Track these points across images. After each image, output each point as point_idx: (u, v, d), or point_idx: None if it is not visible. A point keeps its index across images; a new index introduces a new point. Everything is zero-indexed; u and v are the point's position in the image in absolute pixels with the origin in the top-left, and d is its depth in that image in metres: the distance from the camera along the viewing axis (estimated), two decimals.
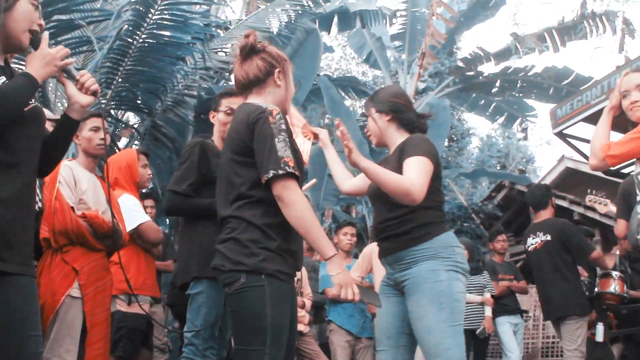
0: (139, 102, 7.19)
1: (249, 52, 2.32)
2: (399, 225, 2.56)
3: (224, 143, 2.37)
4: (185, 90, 7.52)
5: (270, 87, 2.33)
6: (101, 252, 3.15)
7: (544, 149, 32.72)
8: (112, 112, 7.33)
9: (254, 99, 2.31)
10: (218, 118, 3.20)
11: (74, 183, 3.11)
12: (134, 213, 3.55)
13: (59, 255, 2.99)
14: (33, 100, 2.05)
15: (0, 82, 1.94)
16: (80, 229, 3.00)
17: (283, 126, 2.15)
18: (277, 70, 2.33)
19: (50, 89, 6.93)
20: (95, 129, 3.24)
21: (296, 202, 2.07)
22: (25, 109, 1.98)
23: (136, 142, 7.30)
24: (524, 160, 22.62)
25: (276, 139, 2.10)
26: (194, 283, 2.89)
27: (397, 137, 2.72)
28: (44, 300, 2.89)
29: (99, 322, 3.05)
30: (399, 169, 2.50)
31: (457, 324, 2.46)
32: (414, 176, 2.42)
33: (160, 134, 7.24)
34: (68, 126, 2.16)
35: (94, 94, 2.16)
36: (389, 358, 2.61)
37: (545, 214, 5.06)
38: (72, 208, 3.04)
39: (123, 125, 7.02)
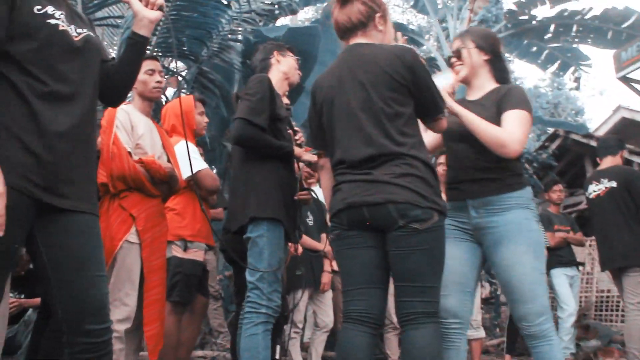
0: (184, 48, 7.07)
1: None
2: (493, 171, 2.52)
3: (355, 81, 2.25)
4: (230, 35, 7.35)
5: (373, 31, 2.36)
6: (158, 198, 3.12)
7: (596, 100, 31.53)
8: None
9: (360, 40, 2.35)
10: (289, 61, 3.18)
11: (130, 128, 3.06)
12: (193, 159, 3.52)
13: (116, 201, 2.97)
14: (85, 30, 1.97)
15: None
16: (138, 175, 2.95)
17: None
18: (378, 14, 2.35)
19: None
20: (151, 72, 3.18)
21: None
22: (77, 38, 1.92)
23: (183, 89, 7.21)
24: (574, 112, 21.92)
25: (434, 81, 2.28)
26: (253, 226, 2.80)
27: (486, 81, 2.68)
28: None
29: (156, 268, 3.04)
30: (496, 117, 2.50)
31: (543, 274, 2.52)
32: (514, 129, 2.43)
33: (207, 80, 7.13)
34: (139, 44, 2.09)
35: (160, 8, 2.10)
36: (455, 303, 2.54)
37: (613, 161, 4.83)
38: (130, 153, 2.99)
39: (170, 73, 6.92)
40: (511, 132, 2.41)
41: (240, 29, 7.30)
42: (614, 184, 4.61)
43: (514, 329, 5.67)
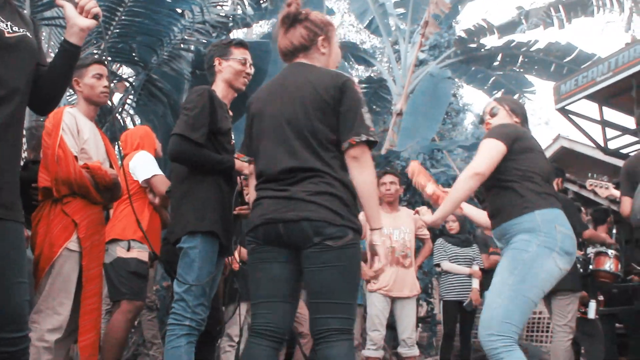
0: (134, 55, 6.98)
1: (292, 20, 2.39)
2: (498, 199, 2.76)
3: (287, 94, 2.31)
4: (182, 45, 7.31)
5: (316, 53, 2.41)
6: (100, 205, 3.08)
7: (542, 129, 32.65)
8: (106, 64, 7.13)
9: (303, 61, 2.40)
10: (230, 65, 3.04)
11: (77, 131, 3.02)
12: (149, 165, 3.59)
13: (58, 206, 2.91)
14: (21, 30, 1.92)
15: None
16: (84, 180, 2.91)
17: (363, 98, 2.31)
18: (320, 37, 2.40)
19: (43, 37, 6.72)
20: (99, 77, 3.14)
21: (371, 167, 2.23)
22: (9, 35, 1.86)
23: (130, 96, 7.11)
24: None
25: (363, 109, 2.24)
26: (187, 237, 2.78)
27: None
28: (40, 251, 2.83)
29: (94, 277, 2.99)
30: None
31: (520, 294, 2.50)
32: (474, 161, 2.74)
33: (155, 88, 7.07)
34: (69, 52, 2.02)
35: (95, 17, 2.05)
36: None
37: None
38: (76, 157, 2.95)
39: (117, 79, 6.82)
40: (467, 169, 2.74)
41: (192, 38, 7.26)
42: None
43: (447, 347, 5.80)
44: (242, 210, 2.95)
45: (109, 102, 3.39)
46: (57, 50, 2.06)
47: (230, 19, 8.01)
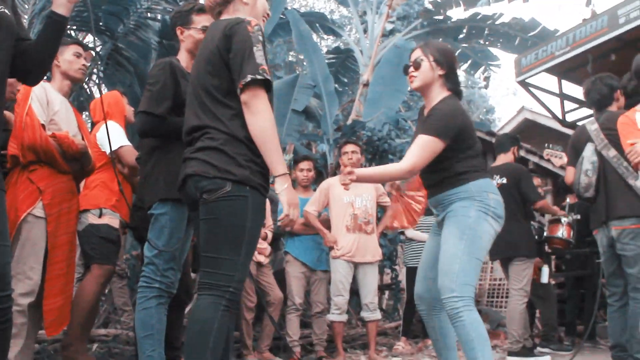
0: (100, 24, 6.91)
1: None
2: (435, 176, 2.86)
3: (197, 56, 2.35)
4: (149, 13, 7.25)
5: (239, 5, 2.36)
6: (68, 174, 3.15)
7: (510, 99, 33.12)
8: (73, 33, 7.05)
9: (225, 17, 2.33)
10: (191, 34, 3.04)
11: (46, 102, 3.10)
12: (117, 136, 3.59)
13: (25, 174, 2.99)
14: (1, 7, 1.96)
15: None
16: (49, 147, 2.99)
17: (260, 37, 2.17)
18: None
19: (35, 11, 6.59)
20: (78, 55, 3.28)
21: (264, 112, 2.11)
22: None
23: (97, 65, 7.05)
24: (485, 110, 22.90)
25: (254, 47, 2.12)
26: (158, 204, 2.87)
27: (438, 93, 2.92)
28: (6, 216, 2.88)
29: (61, 244, 3.08)
30: None
31: (473, 256, 2.70)
32: (408, 156, 2.80)
33: (122, 57, 7.03)
34: (57, 23, 2.08)
35: None
36: (420, 288, 2.96)
37: (505, 159, 5.21)
38: (43, 126, 3.02)
39: (84, 48, 6.74)
40: (402, 162, 2.82)
41: (159, 7, 7.21)
42: (504, 180, 4.99)
43: (410, 313, 6.01)
44: None
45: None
46: (43, 23, 2.11)
47: None
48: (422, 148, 2.78)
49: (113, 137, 3.67)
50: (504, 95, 38.09)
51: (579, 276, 6.32)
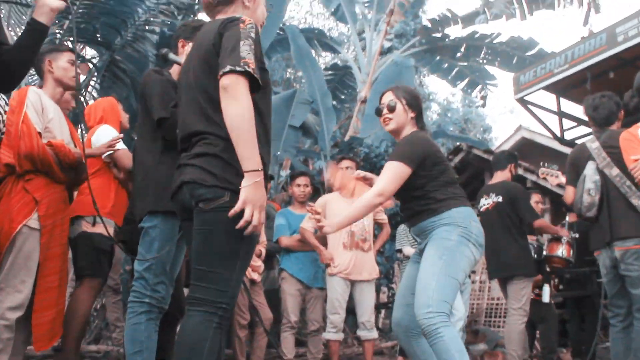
0: (97, 35, 6.88)
1: None
2: (415, 205, 2.91)
3: (188, 59, 2.25)
4: (146, 26, 7.23)
5: (239, 7, 2.27)
6: (63, 184, 3.09)
7: (507, 118, 33.31)
8: (69, 45, 7.01)
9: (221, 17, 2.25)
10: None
11: (41, 109, 3.04)
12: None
13: (20, 183, 2.92)
14: None
15: None
16: (47, 156, 2.93)
17: (252, 35, 2.05)
18: None
19: (2, 15, 6.57)
20: (72, 63, 3.24)
21: (243, 99, 1.94)
22: None
23: (94, 77, 7.02)
24: (482, 129, 22.94)
25: (242, 42, 2.00)
26: (148, 216, 2.81)
27: (409, 132, 3.05)
28: (0, 227, 2.81)
29: (55, 256, 3.01)
30: None
31: (450, 275, 2.69)
32: (376, 184, 2.92)
33: (119, 70, 6.99)
34: (37, 31, 2.04)
35: None
36: (397, 314, 2.95)
37: (501, 176, 5.16)
38: (40, 134, 2.96)
39: (81, 60, 6.72)
40: (370, 193, 2.87)
41: (157, 20, 7.18)
42: (500, 198, 4.94)
43: (395, 330, 5.90)
44: None
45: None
46: (23, 30, 2.07)
47: (197, 0, 7.94)
48: (388, 173, 2.87)
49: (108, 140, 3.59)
50: (501, 114, 38.35)
51: (579, 296, 6.25)
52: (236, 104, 1.93)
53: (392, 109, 3.05)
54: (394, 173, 2.85)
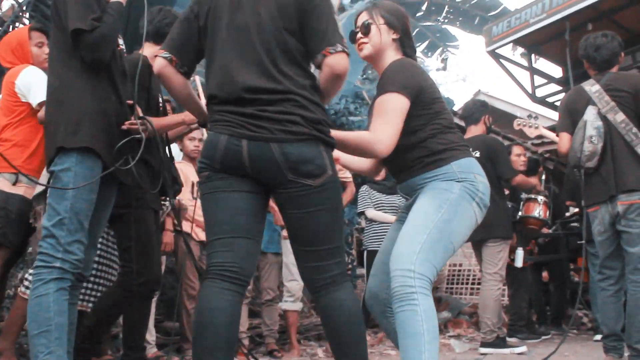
0: None
1: None
2: (408, 155, 2.28)
3: (253, 5, 1.97)
4: None
5: None
6: None
7: (459, 85, 33.05)
8: None
9: None
10: None
11: None
12: (41, 87, 2.97)
13: None
14: None
15: None
16: None
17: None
18: None
19: None
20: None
21: (345, 78, 2.01)
22: None
23: (25, 19, 6.21)
24: None
25: (333, 15, 1.99)
26: (60, 157, 2.24)
27: (392, 59, 2.38)
28: None
29: None
30: None
31: (446, 235, 2.13)
32: (380, 131, 2.21)
33: (48, 8, 6.18)
34: None
35: None
36: (373, 283, 2.43)
37: (476, 130, 4.72)
38: None
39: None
40: (374, 131, 2.22)
41: None
42: (477, 154, 4.48)
43: (369, 303, 5.49)
44: (133, 125, 2.38)
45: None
46: None
47: None
48: (389, 111, 2.21)
49: (41, 86, 3.02)
50: (453, 81, 38.07)
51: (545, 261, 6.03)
52: (341, 83, 2.04)
53: (366, 31, 2.39)
54: (393, 108, 2.20)
